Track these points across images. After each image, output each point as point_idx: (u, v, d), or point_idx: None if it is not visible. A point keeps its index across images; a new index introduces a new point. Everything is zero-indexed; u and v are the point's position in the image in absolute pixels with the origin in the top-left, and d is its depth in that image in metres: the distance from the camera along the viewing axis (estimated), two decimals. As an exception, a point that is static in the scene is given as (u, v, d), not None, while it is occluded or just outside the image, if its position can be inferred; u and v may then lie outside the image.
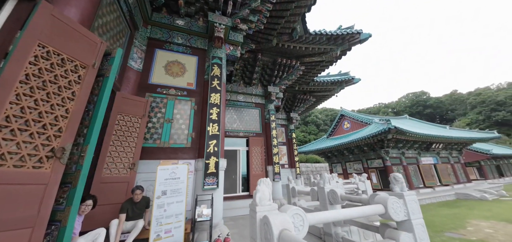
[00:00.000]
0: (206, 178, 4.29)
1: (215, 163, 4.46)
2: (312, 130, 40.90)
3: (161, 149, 4.59)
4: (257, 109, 9.68)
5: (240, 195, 8.09)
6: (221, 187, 4.53)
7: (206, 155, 4.47)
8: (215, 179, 4.37)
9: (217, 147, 4.61)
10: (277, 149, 8.93)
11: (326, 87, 12.28)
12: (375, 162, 16.89)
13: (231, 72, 8.76)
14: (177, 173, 3.69)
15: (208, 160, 4.43)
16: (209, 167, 4.39)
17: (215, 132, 4.69)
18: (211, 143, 4.58)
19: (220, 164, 4.56)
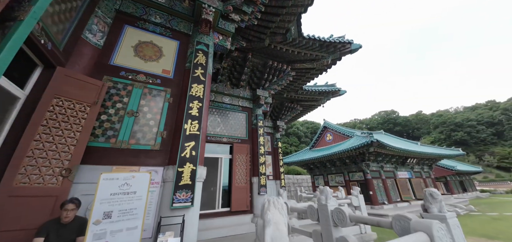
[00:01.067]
0: (176, 192, 3.14)
1: (191, 171, 3.34)
2: (294, 141, 40.89)
3: (117, 150, 3.34)
4: (244, 113, 8.71)
5: (220, 211, 6.86)
6: (197, 205, 3.39)
7: (180, 160, 3.33)
8: (190, 193, 3.24)
9: (196, 150, 3.51)
10: (264, 158, 7.98)
11: (313, 96, 11.83)
12: (356, 174, 16.77)
13: (218, 70, 7.76)
14: (132, 185, 2.51)
15: (182, 167, 3.29)
16: (182, 177, 3.25)
17: (194, 131, 3.59)
18: (188, 145, 3.47)
19: (198, 173, 3.44)
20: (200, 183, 3.59)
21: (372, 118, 53.08)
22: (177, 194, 3.13)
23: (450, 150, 22.20)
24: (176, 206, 3.09)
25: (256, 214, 7.21)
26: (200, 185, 3.57)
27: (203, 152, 3.82)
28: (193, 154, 3.43)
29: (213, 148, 7.75)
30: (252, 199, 7.44)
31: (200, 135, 3.62)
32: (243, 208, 7.05)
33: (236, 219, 6.69)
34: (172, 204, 3.06)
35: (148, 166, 3.46)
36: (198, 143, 3.54)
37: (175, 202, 3.09)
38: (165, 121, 3.85)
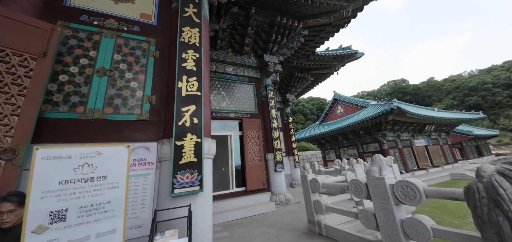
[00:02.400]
0: (177, 174, 2.19)
1: (194, 145, 2.36)
2: (300, 119, 39.86)
3: (89, 123, 2.36)
4: (251, 84, 7.59)
5: (234, 191, 6.08)
6: (208, 189, 2.46)
7: (178, 131, 2.34)
8: (196, 174, 2.29)
9: (198, 117, 2.50)
10: (278, 132, 7.00)
11: (326, 62, 10.51)
12: (371, 146, 15.83)
13: (217, 33, 6.53)
14: (98, 167, 1.54)
15: (181, 139, 2.31)
16: (183, 153, 2.28)
17: (193, 91, 2.56)
18: (186, 110, 2.45)
19: (204, 147, 2.47)
20: (209, 160, 2.63)
21: (380, 90, 50.87)
22: (178, 176, 2.18)
23: (470, 114, 20.82)
24: (179, 192, 2.16)
25: (274, 191, 6.42)
26: (209, 162, 2.61)
27: (209, 120, 2.81)
28: (194, 122, 2.43)
29: (222, 124, 6.80)
30: (269, 176, 6.60)
31: (202, 97, 2.58)
32: (259, 186, 6.24)
33: (252, 199, 5.91)
34: (173, 189, 2.13)
35: (137, 141, 2.49)
36: (200, 107, 2.52)
37: (177, 187, 2.15)
38: (153, 82, 2.81)
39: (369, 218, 2.87)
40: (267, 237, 3.99)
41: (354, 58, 10.80)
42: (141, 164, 2.45)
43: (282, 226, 4.54)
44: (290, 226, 4.47)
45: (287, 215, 5.21)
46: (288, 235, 4.00)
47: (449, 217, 7.53)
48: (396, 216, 2.57)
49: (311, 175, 4.04)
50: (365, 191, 2.92)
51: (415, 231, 2.41)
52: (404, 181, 2.45)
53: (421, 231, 2.35)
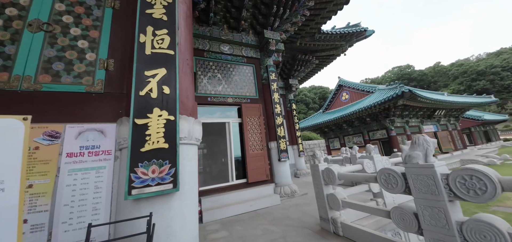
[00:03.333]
0: (137, 166, 1.45)
1: (165, 125, 1.61)
2: (302, 108, 38.95)
3: (14, 95, 1.62)
4: (250, 66, 6.75)
5: (234, 183, 5.41)
6: (188, 189, 1.72)
7: (138, 103, 1.58)
8: (167, 166, 1.54)
9: (170, 85, 1.73)
10: (281, 118, 6.23)
11: (333, 42, 9.55)
12: (377, 133, 15.05)
13: (209, 4, 5.64)
14: None
15: (144, 117, 1.56)
16: (147, 137, 1.53)
17: (162, 48, 1.77)
18: (151, 76, 1.68)
19: (182, 129, 1.72)
20: (193, 147, 1.88)
21: (384, 76, 49.17)
22: (138, 169, 1.45)
23: (481, 98, 19.77)
24: (140, 194, 1.42)
25: (278, 183, 5.75)
26: (192, 151, 1.87)
27: (191, 93, 2.04)
28: (165, 92, 1.66)
29: (218, 111, 6.05)
30: (272, 167, 5.91)
31: (177, 57, 1.80)
32: (261, 178, 5.56)
33: (254, 192, 5.25)
34: (130, 190, 1.40)
35: (86, 122, 1.75)
36: (173, 71, 1.75)
37: (137, 186, 1.42)
38: (111, 40, 2.02)
39: (408, 218, 2.14)
40: (272, 237, 3.32)
41: (363, 37, 9.82)
42: (93, 153, 1.73)
43: (289, 222, 3.87)
44: (298, 223, 3.79)
45: (293, 209, 4.54)
46: (297, 234, 3.33)
47: (470, 206, 6.87)
48: (451, 216, 1.84)
49: (324, 164, 3.29)
50: (402, 183, 2.18)
51: (482, 239, 1.68)
52: (469, 168, 1.69)
53: (492, 239, 1.62)
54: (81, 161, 1.68)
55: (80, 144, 1.70)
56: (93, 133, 1.76)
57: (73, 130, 1.71)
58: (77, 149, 1.69)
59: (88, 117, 1.78)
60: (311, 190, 6.08)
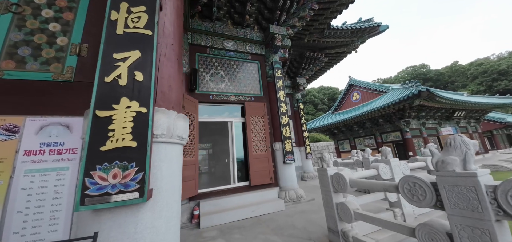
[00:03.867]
0: (93, 169, 1.15)
1: (134, 118, 1.30)
2: (310, 109, 38.08)
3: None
4: (255, 63, 6.43)
5: (236, 186, 5.09)
6: (166, 197, 1.40)
7: (102, 93, 1.28)
8: (133, 169, 1.23)
9: (145, 71, 1.41)
10: (287, 118, 5.85)
11: (344, 39, 9.02)
12: (391, 135, 14.20)
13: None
14: None
15: (108, 108, 1.26)
16: (109, 133, 1.23)
17: (137, 27, 1.47)
18: (120, 59, 1.38)
19: (158, 124, 1.41)
20: (174, 146, 1.57)
21: (398, 76, 46.94)
22: (96, 173, 1.15)
23: (505, 98, 18.23)
24: (93, 205, 1.12)
25: (283, 187, 5.35)
26: (173, 151, 1.55)
27: (177, 82, 1.73)
28: (137, 79, 1.36)
29: (221, 109, 5.79)
30: (276, 169, 5.53)
31: (155, 38, 1.49)
32: (265, 181, 5.21)
33: (257, 196, 4.89)
34: (82, 199, 1.09)
35: (49, 115, 1.48)
36: (149, 54, 1.44)
37: (92, 194, 1.12)
38: (87, 23, 1.76)
39: (439, 240, 1.70)
40: (273, 251, 2.96)
41: (376, 32, 9.21)
42: (55, 151, 1.46)
43: (293, 232, 3.48)
44: (303, 233, 3.39)
45: (299, 217, 4.14)
46: (302, 248, 2.94)
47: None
48: (499, 241, 1.40)
49: (333, 168, 2.89)
50: (431, 196, 1.75)
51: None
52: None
53: None
54: (41, 160, 1.42)
55: (41, 140, 1.44)
56: (57, 128, 1.49)
57: (34, 124, 1.46)
58: (36, 146, 1.43)
59: (53, 110, 1.52)
60: (318, 195, 5.64)
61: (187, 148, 4.40)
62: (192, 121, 4.75)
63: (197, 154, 4.76)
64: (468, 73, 40.13)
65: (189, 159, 4.39)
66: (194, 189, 4.45)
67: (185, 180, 4.13)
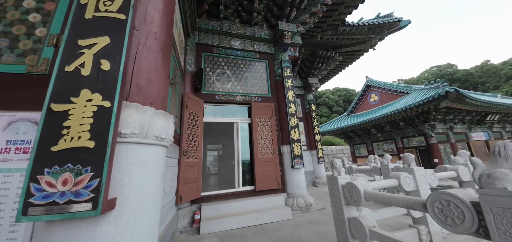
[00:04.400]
0: (41, 173, 0.97)
1: (94, 114, 1.10)
2: (324, 111, 36.81)
3: None
4: (263, 62, 6.17)
5: (240, 190, 4.84)
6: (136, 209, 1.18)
7: (60, 84, 1.11)
8: (88, 175, 1.03)
9: (113, 60, 1.22)
10: (296, 119, 5.49)
11: (360, 35, 8.43)
12: (414, 140, 13.05)
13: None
14: None
15: (66, 102, 1.08)
16: (64, 130, 1.05)
17: (109, 10, 1.29)
18: (86, 46, 1.20)
19: (127, 121, 1.21)
20: (150, 148, 1.35)
21: (421, 77, 43.59)
22: (43, 178, 0.96)
23: (553, 100, 16.00)
24: (36, 216, 0.93)
25: (290, 193, 4.99)
26: (148, 153, 1.34)
27: (159, 77, 1.53)
28: (103, 68, 1.17)
29: (226, 110, 5.61)
30: (284, 174, 5.19)
31: (129, 23, 1.29)
32: (271, 186, 4.90)
33: (262, 202, 4.59)
34: (24, 208, 0.91)
35: (19, 110, 1.35)
36: (121, 38, 1.25)
37: (35, 203, 0.93)
38: (68, 12, 1.63)
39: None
40: (275, 266, 2.64)
41: (397, 28, 8.49)
42: (21, 149, 1.32)
43: (299, 246, 3.13)
44: (310, 249, 3.03)
45: (307, 228, 3.76)
46: (307, 266, 2.59)
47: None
48: None
49: (345, 176, 2.51)
50: (471, 219, 1.34)
51: None
52: None
53: None
54: (5, 159, 1.28)
55: (7, 137, 1.32)
56: (26, 124, 1.36)
57: (2, 120, 1.33)
58: (2, 144, 1.30)
59: (23, 105, 1.39)
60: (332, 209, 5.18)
61: (190, 149, 4.25)
62: (196, 121, 4.61)
63: (201, 155, 4.59)
64: (501, 73, 36.12)
65: (191, 160, 4.24)
66: (197, 192, 4.28)
67: (186, 182, 3.98)
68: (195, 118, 4.56)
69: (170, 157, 3.09)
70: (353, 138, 16.84)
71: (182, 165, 3.91)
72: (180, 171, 3.84)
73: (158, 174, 1.40)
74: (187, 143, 4.20)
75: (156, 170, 1.38)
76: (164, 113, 1.46)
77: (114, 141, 1.10)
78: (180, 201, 3.71)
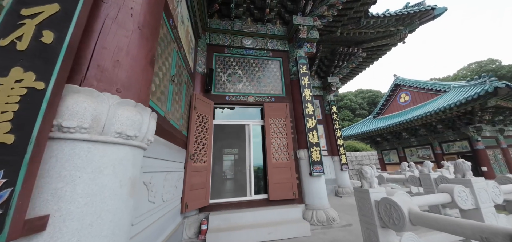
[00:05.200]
0: None
1: (22, 98, 0.82)
2: (346, 115, 34.72)
3: None
4: (276, 60, 5.77)
5: (252, 199, 4.41)
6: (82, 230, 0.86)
7: None
8: (1, 181, 0.73)
9: (60, 28, 0.95)
10: (314, 121, 4.93)
11: (386, 27, 7.57)
12: (455, 144, 11.31)
13: (229, -7, 5.02)
14: None
15: None
16: None
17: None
18: (28, 15, 0.94)
19: (69, 110, 0.92)
20: (110, 147, 1.04)
21: (458, 75, 38.77)
22: None
23: None
24: None
25: (309, 205, 4.40)
26: (105, 155, 1.02)
27: (131, 60, 1.23)
28: (44, 41, 0.89)
29: (238, 112, 5.30)
30: (301, 182, 4.64)
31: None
32: (287, 195, 4.39)
33: (276, 214, 4.09)
34: None
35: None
36: (73, 6, 0.96)
37: None
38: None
39: None
40: None
41: (430, 17, 7.44)
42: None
43: (319, 271, 2.57)
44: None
45: (328, 248, 3.17)
46: None
47: None
48: None
49: (379, 189, 1.94)
50: None
51: None
52: None
53: None
54: None
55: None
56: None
57: None
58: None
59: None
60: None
61: (198, 152, 3.98)
62: (206, 123, 4.36)
63: (210, 159, 4.30)
64: None
65: (199, 165, 3.96)
66: (205, 199, 3.97)
67: (193, 188, 3.69)
68: (204, 120, 4.32)
69: (172, 160, 2.82)
70: (381, 142, 15.31)
71: (189, 170, 3.64)
72: (186, 176, 3.57)
73: (122, 184, 1.07)
74: (195, 145, 3.94)
75: (119, 177, 1.05)
76: (134, 104, 1.14)
77: (43, 136, 0.79)
78: (186, 209, 3.42)
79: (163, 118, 2.40)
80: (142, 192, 1.92)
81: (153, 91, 2.12)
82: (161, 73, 2.36)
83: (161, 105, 2.36)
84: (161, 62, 2.34)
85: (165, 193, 2.54)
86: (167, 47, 2.61)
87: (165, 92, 2.51)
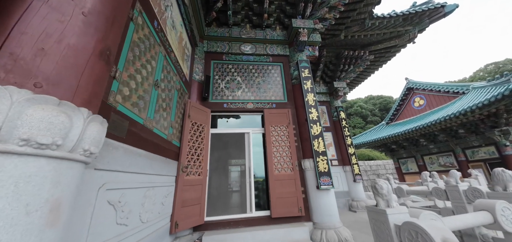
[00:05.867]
0: None
1: None
2: (357, 122, 33.47)
3: None
4: (277, 65, 5.51)
5: (253, 217, 3.98)
6: None
7: None
8: None
9: None
10: (319, 127, 4.52)
11: (394, 28, 7.17)
12: (480, 151, 10.25)
13: (226, 1, 4.92)
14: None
15: None
16: None
17: None
18: None
19: None
20: (17, 159, 0.76)
21: (474, 77, 36.57)
22: None
23: None
24: None
25: (317, 223, 3.89)
26: (12, 168, 0.74)
27: (64, 48, 0.99)
28: None
29: (237, 120, 5.02)
30: (308, 196, 4.17)
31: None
32: (291, 212, 3.93)
33: (280, 234, 3.62)
34: None
35: None
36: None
37: None
38: None
39: None
40: None
41: (441, 15, 6.98)
42: None
43: None
44: None
45: (340, 276, 2.65)
46: None
47: None
48: None
49: (400, 210, 1.50)
50: None
51: None
52: None
53: None
54: None
55: None
56: None
57: None
58: None
59: None
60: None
61: (192, 164, 3.69)
62: (201, 133, 4.09)
63: (206, 172, 3.99)
64: None
65: (193, 178, 3.65)
66: (199, 216, 3.61)
67: (186, 204, 3.36)
68: (199, 129, 4.06)
69: (156, 174, 2.53)
70: (397, 150, 14.31)
71: (181, 184, 3.33)
72: (177, 190, 3.26)
73: (32, 209, 0.78)
74: (189, 156, 3.66)
75: (25, 200, 0.76)
76: (57, 101, 0.87)
77: None
78: (176, 228, 3.08)
79: (141, 126, 2.14)
80: (107, 214, 1.63)
81: (126, 96, 1.88)
82: (140, 76, 2.13)
83: (139, 112, 2.11)
84: (139, 65, 2.12)
85: (145, 212, 2.23)
86: (150, 50, 2.41)
87: (146, 98, 2.27)
